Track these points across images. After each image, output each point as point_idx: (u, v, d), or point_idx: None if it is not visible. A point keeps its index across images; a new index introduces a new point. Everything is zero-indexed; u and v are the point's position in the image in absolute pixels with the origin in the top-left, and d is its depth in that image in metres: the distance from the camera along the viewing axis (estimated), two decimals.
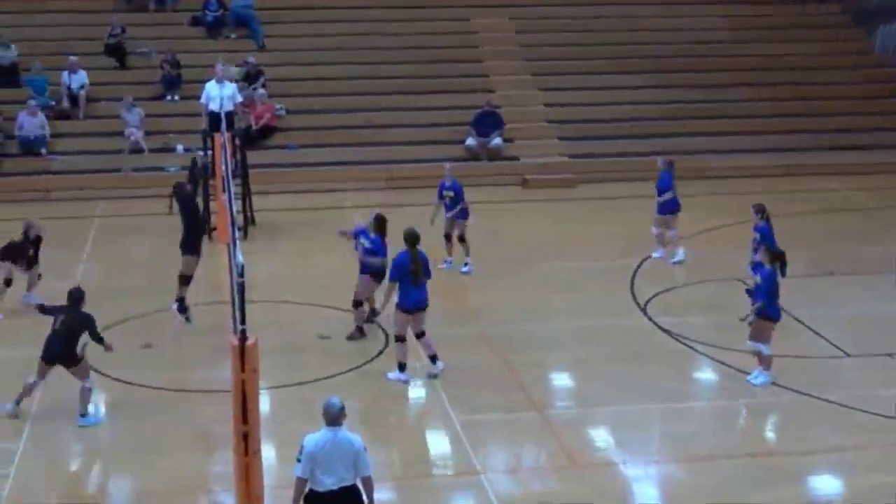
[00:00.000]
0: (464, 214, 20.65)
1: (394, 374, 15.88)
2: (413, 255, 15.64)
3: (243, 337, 10.25)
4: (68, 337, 14.56)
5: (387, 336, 17.31)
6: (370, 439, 10.89)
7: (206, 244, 21.12)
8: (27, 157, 26.97)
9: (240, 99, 25.47)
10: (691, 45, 31.75)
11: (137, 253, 22.40)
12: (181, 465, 13.60)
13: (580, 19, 32.18)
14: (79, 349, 14.64)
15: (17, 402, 14.73)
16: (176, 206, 18.48)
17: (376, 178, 27.06)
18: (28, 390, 14.70)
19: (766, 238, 17.89)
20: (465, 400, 15.20)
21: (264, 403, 13.97)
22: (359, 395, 15.11)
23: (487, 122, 28.07)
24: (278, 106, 28.41)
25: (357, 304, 17.33)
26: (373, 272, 17.08)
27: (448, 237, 20.72)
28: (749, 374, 15.83)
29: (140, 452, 13.93)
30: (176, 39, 30.18)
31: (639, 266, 20.91)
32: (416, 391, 15.84)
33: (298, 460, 10.46)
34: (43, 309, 15.15)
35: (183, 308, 18.04)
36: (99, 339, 14.82)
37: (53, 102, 28.03)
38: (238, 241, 13.02)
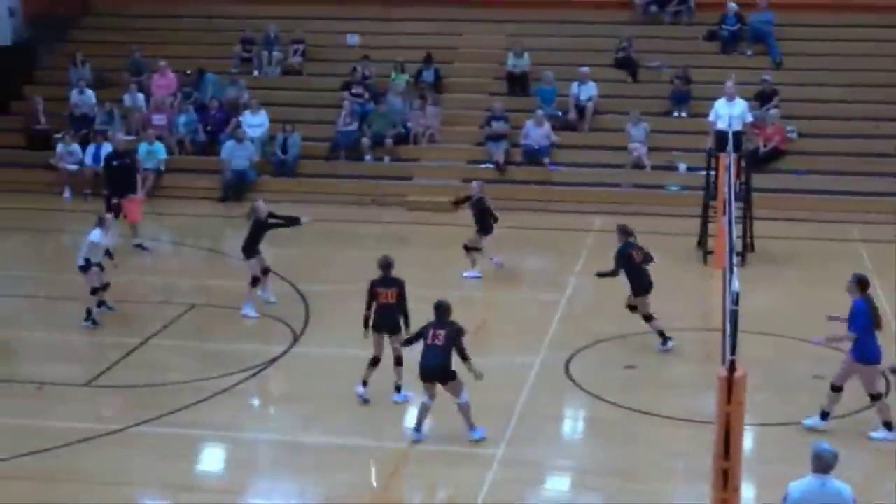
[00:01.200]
0: None
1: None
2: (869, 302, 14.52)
3: (732, 368, 9.95)
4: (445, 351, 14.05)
5: (887, 383, 15.92)
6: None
7: (698, 268, 20.57)
8: (531, 167, 27.28)
9: (750, 118, 24.52)
10: None
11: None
12: (655, 492, 13.25)
13: None
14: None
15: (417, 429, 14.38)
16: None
17: (888, 210, 25.20)
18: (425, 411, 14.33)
19: None
20: None
21: (748, 440, 13.41)
22: (845, 444, 13.82)
23: None
24: (790, 128, 27.17)
25: None
26: None
27: None
28: None
29: (613, 474, 13.67)
30: (688, 54, 29.64)
31: None
32: None
33: None
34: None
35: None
36: (464, 355, 14.12)
37: (560, 113, 28.22)
38: (735, 268, 12.45)
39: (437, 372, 14.04)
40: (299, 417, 15.22)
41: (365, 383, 15.46)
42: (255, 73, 30.81)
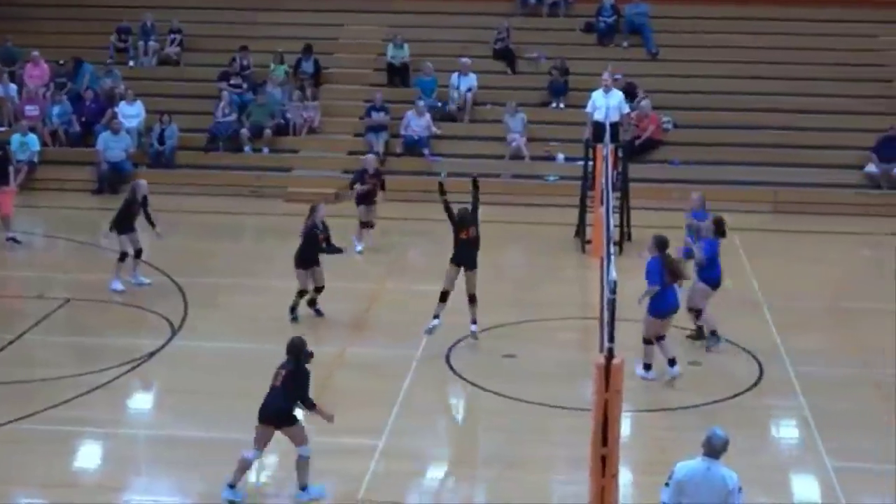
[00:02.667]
0: None
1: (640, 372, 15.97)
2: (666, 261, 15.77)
3: (610, 356, 9.83)
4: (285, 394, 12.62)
5: (761, 368, 16.31)
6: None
7: (576, 257, 20.77)
8: (410, 157, 27.30)
9: (626, 109, 24.82)
10: None
11: (510, 261, 22.20)
12: (535, 480, 13.29)
13: None
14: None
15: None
16: None
17: (762, 200, 25.74)
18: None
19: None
20: (843, 446, 14.15)
21: (625, 427, 13.63)
22: (725, 429, 14.08)
23: (891, 148, 26.28)
24: (665, 119, 27.56)
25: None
26: None
27: None
28: None
29: (493, 465, 13.72)
30: (566, 45, 29.87)
31: None
32: (789, 431, 15.17)
33: (667, 484, 10.02)
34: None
35: None
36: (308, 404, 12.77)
37: (440, 104, 28.28)
38: (612, 257, 12.61)
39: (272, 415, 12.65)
40: (179, 411, 15.05)
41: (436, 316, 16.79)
42: (131, 63, 30.32)
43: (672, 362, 15.91)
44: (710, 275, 17.00)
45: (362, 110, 28.19)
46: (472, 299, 17.09)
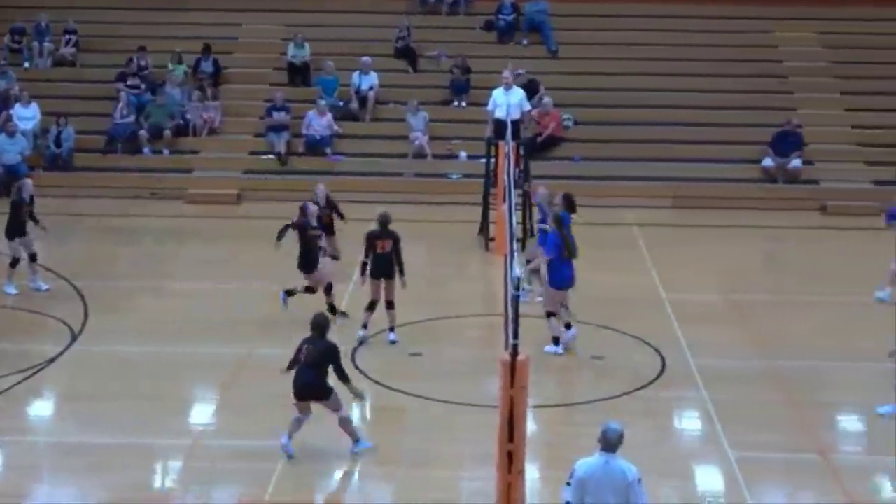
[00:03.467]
0: None
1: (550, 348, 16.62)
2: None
3: (514, 353, 9.89)
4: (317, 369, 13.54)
5: (664, 362, 16.51)
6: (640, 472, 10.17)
7: (480, 255, 20.82)
8: (313, 157, 27.19)
9: (527, 107, 24.96)
10: None
11: (415, 259, 22.17)
12: (442, 478, 13.32)
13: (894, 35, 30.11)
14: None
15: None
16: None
17: (662, 195, 26.05)
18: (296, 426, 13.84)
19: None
20: (744, 436, 14.37)
21: (531, 422, 13.54)
22: (629, 422, 14.20)
23: (787, 142, 26.74)
24: (566, 116, 27.75)
25: None
26: None
27: None
28: None
29: (400, 463, 13.71)
30: (466, 43, 29.91)
31: None
32: (691, 423, 15.34)
33: (568, 483, 10.01)
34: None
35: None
36: (343, 376, 13.67)
37: (342, 103, 28.20)
38: (516, 254, 12.66)
39: (306, 391, 13.48)
40: (80, 418, 14.81)
41: (365, 326, 17.08)
42: (26, 64, 29.77)
43: (568, 326, 16.81)
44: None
45: (263, 110, 27.99)
46: (390, 305, 17.14)
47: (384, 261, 17.09)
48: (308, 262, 18.15)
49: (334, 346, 13.62)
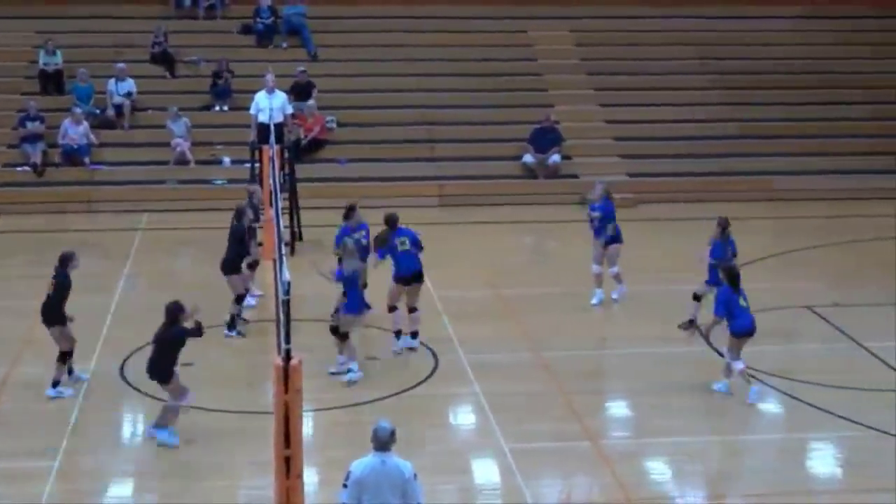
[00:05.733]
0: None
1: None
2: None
3: (287, 357, 10.07)
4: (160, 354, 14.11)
5: (436, 359, 16.70)
6: (416, 467, 10.27)
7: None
8: (70, 167, 26.42)
9: (290, 110, 24.85)
10: (762, 61, 30.70)
11: (181, 267, 21.86)
12: (220, 488, 13.21)
13: (644, 32, 31.14)
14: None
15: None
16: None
17: (428, 194, 26.35)
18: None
19: (714, 253, 17.78)
20: (517, 427, 14.72)
21: (307, 426, 13.74)
22: (405, 420, 14.42)
23: (545, 138, 27.36)
24: (329, 118, 27.75)
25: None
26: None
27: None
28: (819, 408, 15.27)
29: (177, 476, 13.49)
30: (225, 47, 29.53)
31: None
32: (465, 417, 15.55)
33: (345, 485, 10.02)
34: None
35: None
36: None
37: (98, 111, 27.48)
38: (285, 258, 12.59)
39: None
40: None
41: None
42: None
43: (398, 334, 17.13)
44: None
45: (15, 120, 27.01)
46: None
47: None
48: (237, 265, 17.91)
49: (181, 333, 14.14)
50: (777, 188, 27.16)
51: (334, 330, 16.05)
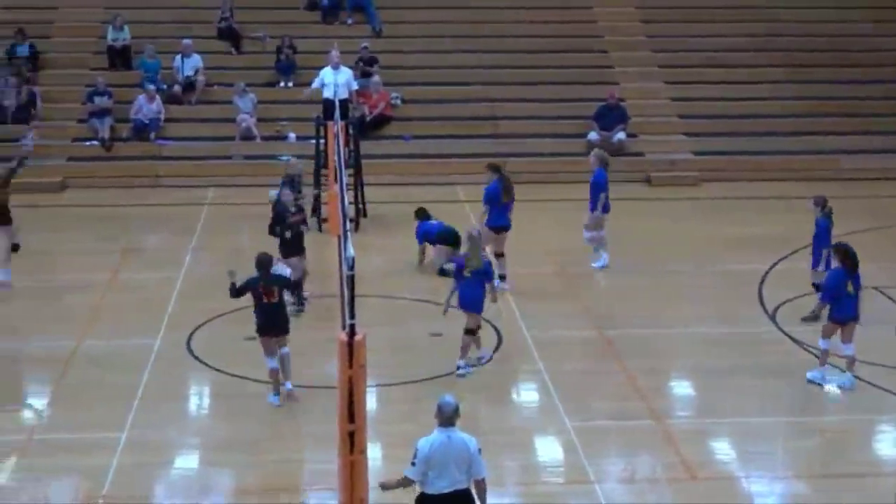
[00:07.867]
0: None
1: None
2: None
3: (352, 332, 10.05)
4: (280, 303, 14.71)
5: (500, 336, 16.70)
6: (479, 442, 10.34)
7: (314, 235, 20.65)
8: (139, 142, 26.65)
9: (355, 87, 24.87)
10: (831, 38, 30.32)
11: (247, 242, 21.99)
12: (284, 460, 13.30)
13: (712, 9, 30.86)
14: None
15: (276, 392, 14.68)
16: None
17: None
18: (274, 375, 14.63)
19: (819, 234, 17.65)
20: (581, 406, 14.69)
21: (371, 401, 13.82)
22: (470, 396, 14.42)
23: (611, 116, 27.19)
24: (394, 95, 27.76)
25: None
26: None
27: None
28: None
29: (242, 447, 13.57)
30: (290, 24, 29.62)
31: (768, 270, 19.86)
32: (529, 394, 15.53)
33: (413, 463, 10.10)
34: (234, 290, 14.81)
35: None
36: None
37: (165, 87, 27.68)
38: (349, 234, 12.65)
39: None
40: None
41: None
42: None
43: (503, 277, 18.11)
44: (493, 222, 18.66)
45: (84, 95, 27.26)
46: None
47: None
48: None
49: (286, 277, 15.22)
50: (844, 167, 26.81)
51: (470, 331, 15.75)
